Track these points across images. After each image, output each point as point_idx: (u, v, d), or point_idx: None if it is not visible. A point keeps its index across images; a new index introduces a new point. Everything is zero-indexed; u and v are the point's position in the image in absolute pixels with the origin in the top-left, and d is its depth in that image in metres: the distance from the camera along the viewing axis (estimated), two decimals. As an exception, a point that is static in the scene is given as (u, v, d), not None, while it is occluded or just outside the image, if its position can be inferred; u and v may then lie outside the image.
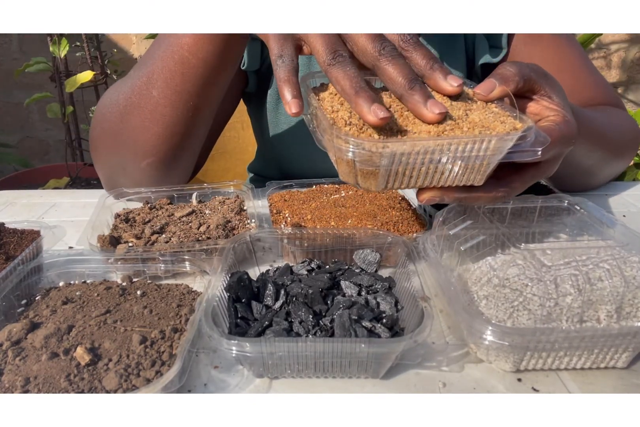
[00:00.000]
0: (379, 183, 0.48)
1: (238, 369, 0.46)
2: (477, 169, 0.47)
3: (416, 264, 0.52)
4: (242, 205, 0.69)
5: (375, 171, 0.46)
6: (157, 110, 0.65)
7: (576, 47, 0.82)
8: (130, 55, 2.16)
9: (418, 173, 0.47)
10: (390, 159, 0.44)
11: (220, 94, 0.69)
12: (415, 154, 0.44)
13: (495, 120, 0.47)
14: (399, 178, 0.47)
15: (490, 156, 0.46)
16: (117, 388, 0.40)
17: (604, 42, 2.16)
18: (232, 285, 0.48)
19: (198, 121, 0.68)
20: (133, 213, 0.67)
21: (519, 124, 0.47)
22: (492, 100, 0.50)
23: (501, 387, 0.44)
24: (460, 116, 0.47)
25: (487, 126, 0.46)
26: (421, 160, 0.45)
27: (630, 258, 0.47)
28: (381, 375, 0.45)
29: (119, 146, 0.70)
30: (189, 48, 0.62)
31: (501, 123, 0.47)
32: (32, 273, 0.53)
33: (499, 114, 0.48)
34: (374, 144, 0.43)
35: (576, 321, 0.44)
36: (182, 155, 0.71)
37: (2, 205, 0.80)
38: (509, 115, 0.48)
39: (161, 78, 0.64)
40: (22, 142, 2.32)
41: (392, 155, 0.44)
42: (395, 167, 0.45)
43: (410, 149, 0.44)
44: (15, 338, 0.45)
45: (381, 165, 0.45)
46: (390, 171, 0.46)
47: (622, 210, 0.78)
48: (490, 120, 0.47)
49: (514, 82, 0.50)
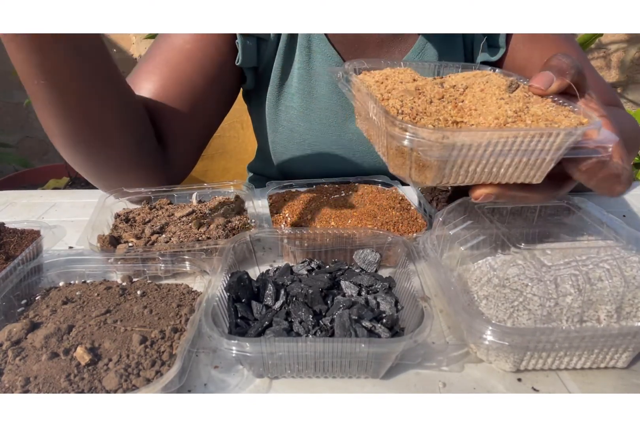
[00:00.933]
0: (435, 176, 0.44)
1: (238, 369, 0.46)
2: (538, 165, 0.44)
3: (416, 264, 0.52)
4: (242, 206, 0.69)
5: (433, 163, 0.42)
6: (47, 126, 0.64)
7: (575, 47, 0.82)
8: (129, 55, 2.16)
9: (476, 167, 0.44)
10: (450, 151, 0.41)
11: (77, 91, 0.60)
12: (477, 146, 0.41)
13: (559, 114, 0.44)
14: (456, 171, 0.44)
15: (555, 151, 0.43)
16: (117, 388, 0.40)
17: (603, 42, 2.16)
18: (232, 285, 0.48)
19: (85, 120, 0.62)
20: (133, 213, 0.67)
21: (584, 118, 0.44)
22: (550, 94, 0.47)
23: (501, 387, 0.44)
24: (522, 109, 0.44)
25: (551, 119, 0.43)
26: (482, 153, 0.42)
27: (630, 258, 0.47)
28: (381, 375, 0.45)
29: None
30: None
31: (565, 117, 0.44)
32: (32, 273, 0.53)
33: (559, 108, 0.46)
34: (436, 132, 0.40)
35: (576, 321, 0.44)
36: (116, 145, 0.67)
37: (2, 205, 0.80)
38: (570, 110, 0.46)
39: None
40: (21, 142, 2.31)
41: (453, 146, 0.41)
42: (454, 159, 0.42)
43: (472, 141, 0.41)
44: (15, 338, 0.45)
45: (440, 157, 0.42)
46: (448, 164, 0.43)
47: (622, 210, 0.78)
48: (554, 114, 0.44)
49: (570, 74, 0.47)
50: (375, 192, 0.73)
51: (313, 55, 0.79)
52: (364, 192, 0.72)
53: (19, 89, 2.16)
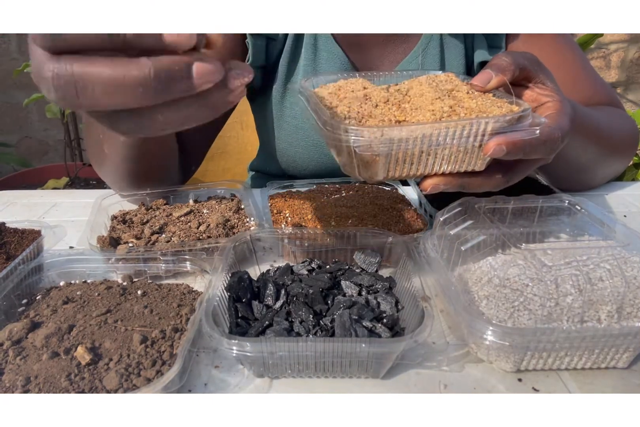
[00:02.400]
0: (380, 171, 0.48)
1: (238, 369, 0.46)
2: (477, 153, 0.48)
3: (416, 264, 0.52)
4: (239, 204, 0.69)
5: (376, 159, 0.46)
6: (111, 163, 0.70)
7: (575, 47, 0.83)
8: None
9: (419, 160, 0.47)
10: (389, 145, 0.45)
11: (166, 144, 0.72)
12: (414, 139, 0.45)
13: (492, 106, 0.48)
14: (400, 165, 0.48)
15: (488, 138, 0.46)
16: (118, 388, 0.40)
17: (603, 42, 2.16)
18: (233, 285, 0.48)
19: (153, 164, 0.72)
20: (130, 214, 0.67)
21: (515, 107, 0.48)
22: (490, 90, 0.51)
23: (501, 387, 0.44)
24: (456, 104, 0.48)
25: (484, 111, 0.47)
26: (420, 146, 0.46)
27: (631, 258, 0.47)
28: (381, 375, 0.45)
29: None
30: None
31: (498, 108, 0.48)
32: (33, 273, 0.53)
33: (495, 101, 0.50)
34: (372, 130, 0.44)
35: (577, 321, 0.44)
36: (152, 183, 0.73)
37: (2, 205, 0.80)
38: (506, 102, 0.49)
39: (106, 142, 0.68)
40: (21, 142, 2.31)
41: (391, 141, 0.45)
42: (395, 153, 0.46)
43: (408, 135, 0.45)
44: (16, 337, 0.45)
45: (380, 152, 0.45)
46: (390, 158, 0.46)
47: (623, 210, 0.78)
48: (487, 106, 0.48)
49: (510, 71, 0.51)
50: (376, 192, 0.73)
51: (319, 53, 0.80)
52: (364, 192, 0.72)
53: (19, 89, 2.16)
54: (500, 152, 0.46)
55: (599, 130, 0.72)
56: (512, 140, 0.46)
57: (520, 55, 0.53)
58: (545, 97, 0.53)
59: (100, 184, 1.83)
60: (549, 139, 0.49)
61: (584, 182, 0.83)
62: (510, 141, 0.46)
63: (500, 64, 0.52)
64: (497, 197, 0.57)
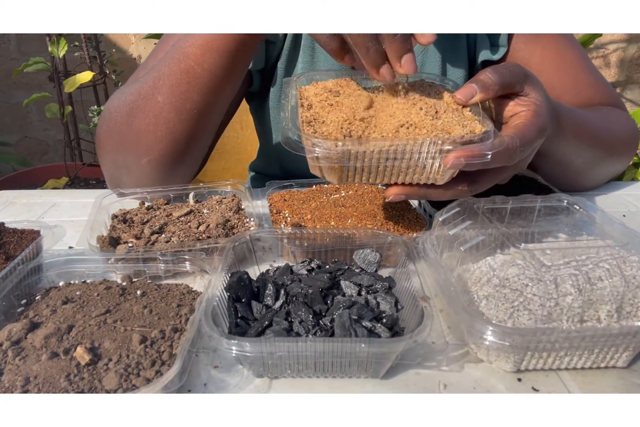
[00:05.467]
0: (340, 178, 0.53)
1: (238, 369, 0.46)
2: (435, 169, 0.51)
3: (416, 264, 0.52)
4: (239, 204, 0.69)
5: (335, 167, 0.51)
6: (161, 115, 0.66)
7: (576, 46, 0.83)
8: (129, 55, 2.15)
9: (377, 171, 0.51)
10: (346, 157, 0.49)
11: (226, 103, 0.70)
12: (370, 153, 0.49)
13: (458, 124, 0.50)
14: (359, 174, 0.52)
15: (442, 158, 0.49)
16: (117, 388, 0.40)
17: (602, 42, 2.16)
18: (232, 285, 0.48)
19: (202, 128, 0.69)
20: (130, 214, 0.67)
21: (479, 128, 0.50)
22: (471, 105, 0.54)
23: (501, 387, 0.44)
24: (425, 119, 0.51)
25: (446, 130, 0.50)
26: (377, 160, 0.50)
27: (630, 258, 0.47)
28: (381, 375, 0.45)
29: (123, 146, 0.70)
30: (195, 58, 0.63)
31: (462, 127, 0.50)
32: (32, 273, 0.53)
33: (465, 117, 0.52)
34: (332, 143, 0.48)
35: (576, 320, 0.44)
36: (184, 159, 0.71)
37: (2, 205, 0.80)
38: (476, 119, 0.52)
39: (167, 84, 0.65)
40: (21, 142, 2.31)
41: (347, 153, 0.49)
42: (353, 164, 0.50)
43: (364, 149, 0.48)
44: (15, 338, 0.45)
45: (339, 162, 0.50)
46: (348, 168, 0.51)
47: (622, 210, 0.78)
48: (453, 124, 0.50)
49: (493, 91, 0.53)
50: (375, 192, 0.73)
51: (316, 54, 0.80)
52: (364, 192, 0.72)
53: (19, 89, 2.16)
54: (459, 164, 0.49)
55: (593, 133, 0.72)
56: (470, 153, 0.48)
57: (508, 73, 0.54)
58: (522, 106, 0.55)
59: (100, 183, 1.83)
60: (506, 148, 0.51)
61: (584, 183, 0.83)
62: (468, 154, 0.48)
63: (485, 82, 0.53)
64: (496, 197, 0.57)
